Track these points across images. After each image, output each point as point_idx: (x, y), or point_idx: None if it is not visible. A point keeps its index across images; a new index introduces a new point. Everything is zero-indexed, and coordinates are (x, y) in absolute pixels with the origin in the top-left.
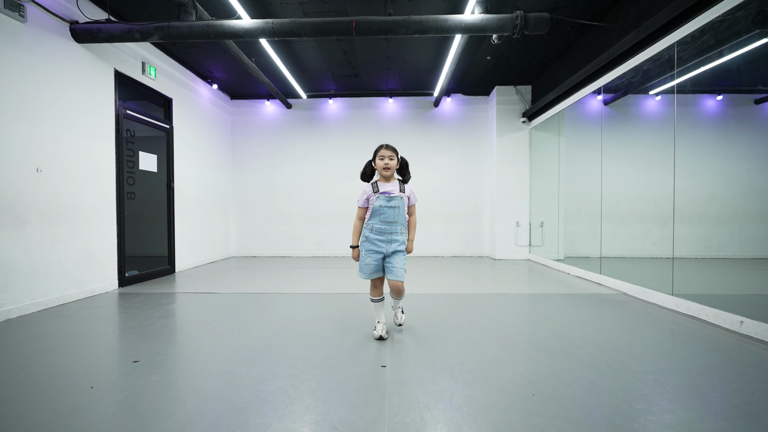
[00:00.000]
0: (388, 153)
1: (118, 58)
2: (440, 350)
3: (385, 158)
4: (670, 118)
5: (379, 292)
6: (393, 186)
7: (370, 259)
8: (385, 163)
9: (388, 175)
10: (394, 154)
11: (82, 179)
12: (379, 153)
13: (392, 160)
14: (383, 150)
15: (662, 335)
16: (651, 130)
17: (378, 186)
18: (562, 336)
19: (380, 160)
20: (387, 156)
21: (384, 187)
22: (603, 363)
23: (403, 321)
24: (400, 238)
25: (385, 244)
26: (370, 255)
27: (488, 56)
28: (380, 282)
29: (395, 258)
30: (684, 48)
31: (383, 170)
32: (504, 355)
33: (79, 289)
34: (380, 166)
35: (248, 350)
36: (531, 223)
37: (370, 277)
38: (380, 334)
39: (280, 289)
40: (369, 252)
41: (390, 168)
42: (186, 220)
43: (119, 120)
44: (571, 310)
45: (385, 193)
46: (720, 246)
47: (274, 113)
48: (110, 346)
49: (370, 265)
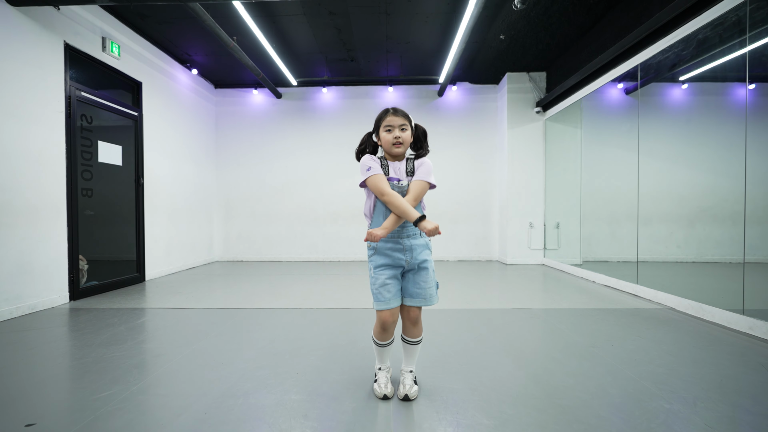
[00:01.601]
0: (398, 121)
1: (69, 29)
2: (464, 402)
3: (394, 128)
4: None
5: (390, 335)
6: (400, 168)
7: (384, 277)
8: (396, 136)
9: (400, 152)
10: (406, 123)
11: (19, 173)
12: (386, 121)
13: (405, 131)
14: (391, 116)
15: (757, 374)
16: (679, 121)
17: (387, 163)
18: (622, 377)
19: (387, 132)
20: (397, 125)
21: (392, 168)
22: (705, 428)
23: (415, 395)
24: (423, 240)
25: (405, 254)
26: (384, 271)
27: (502, 35)
28: (395, 317)
29: (421, 275)
30: (760, 5)
31: (394, 146)
32: (556, 413)
33: (13, 306)
34: (388, 141)
35: (197, 403)
36: (546, 224)
37: (389, 305)
38: (384, 392)
39: (263, 302)
40: (382, 268)
41: (404, 143)
42: (159, 221)
43: (71, 103)
44: (616, 333)
45: (393, 180)
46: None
47: (263, 103)
48: (8, 394)
49: (387, 286)
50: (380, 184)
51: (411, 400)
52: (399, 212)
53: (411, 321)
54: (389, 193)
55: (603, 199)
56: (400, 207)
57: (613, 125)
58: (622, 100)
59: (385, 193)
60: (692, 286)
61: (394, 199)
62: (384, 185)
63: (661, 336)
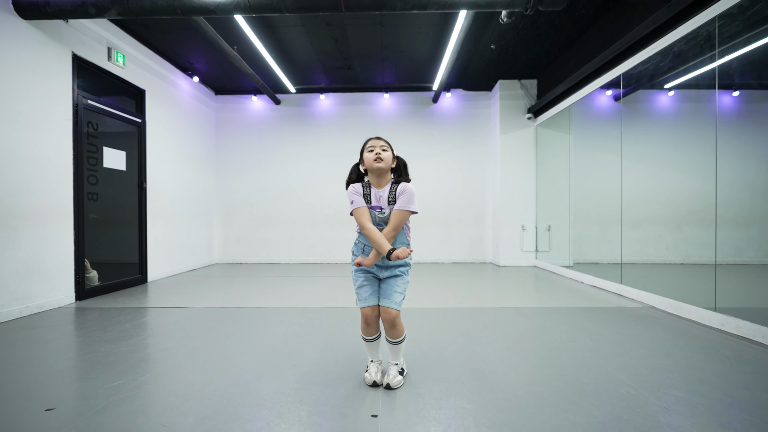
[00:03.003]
0: (379, 143)
1: (77, 40)
2: (447, 390)
3: (375, 148)
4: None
5: (373, 330)
6: (382, 197)
7: (361, 279)
8: (377, 153)
9: (382, 168)
10: (386, 145)
11: (29, 178)
12: (368, 145)
13: (385, 150)
14: (373, 140)
15: (720, 365)
16: (665, 127)
17: (370, 190)
18: (596, 368)
19: (369, 152)
20: (378, 146)
21: (375, 196)
22: (660, 409)
23: (396, 383)
24: (398, 265)
25: (380, 270)
26: (361, 275)
27: (493, 45)
28: (376, 317)
29: (392, 282)
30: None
31: (375, 162)
32: (530, 397)
33: (22, 305)
34: (370, 160)
35: (202, 390)
36: (537, 227)
37: (366, 303)
38: (373, 379)
39: (261, 302)
40: (359, 272)
41: (384, 160)
42: (161, 224)
43: (78, 110)
44: (597, 329)
45: (376, 209)
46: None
47: (262, 109)
48: (26, 383)
49: (364, 287)
50: (361, 218)
51: (393, 389)
52: (375, 246)
53: (388, 323)
54: (368, 228)
55: (593, 203)
56: (375, 243)
57: (602, 131)
58: (609, 106)
59: (365, 227)
60: (673, 286)
61: (371, 233)
62: (364, 219)
63: (638, 332)
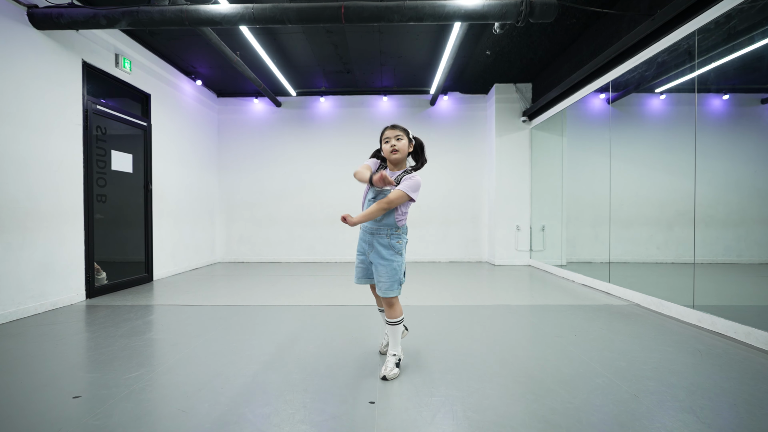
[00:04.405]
0: (394, 133)
1: (86, 48)
2: (439, 380)
3: (390, 139)
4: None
5: (379, 302)
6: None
7: (357, 261)
8: (392, 145)
9: (398, 158)
10: (402, 134)
11: (43, 180)
12: (384, 135)
13: (400, 140)
14: (388, 131)
15: (691, 358)
16: (655, 130)
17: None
18: (577, 360)
19: (385, 143)
20: (393, 136)
21: None
22: (630, 396)
23: (392, 375)
24: (386, 241)
25: (367, 246)
26: (357, 256)
27: (488, 51)
28: (373, 290)
29: (377, 270)
30: (706, 36)
31: (391, 153)
32: (514, 386)
33: (38, 303)
34: (387, 151)
35: (213, 380)
36: (532, 227)
37: (358, 282)
38: (379, 350)
39: (264, 299)
40: (357, 253)
41: (399, 150)
42: (166, 224)
43: (88, 116)
44: (583, 325)
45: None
46: (726, 250)
47: (263, 112)
48: (51, 374)
49: (357, 269)
50: (360, 167)
51: (388, 380)
52: (358, 179)
53: (385, 302)
54: (358, 171)
55: (586, 203)
56: (359, 175)
57: (594, 134)
58: (602, 110)
59: (357, 171)
60: (658, 285)
61: (361, 174)
62: (362, 168)
63: (621, 327)
